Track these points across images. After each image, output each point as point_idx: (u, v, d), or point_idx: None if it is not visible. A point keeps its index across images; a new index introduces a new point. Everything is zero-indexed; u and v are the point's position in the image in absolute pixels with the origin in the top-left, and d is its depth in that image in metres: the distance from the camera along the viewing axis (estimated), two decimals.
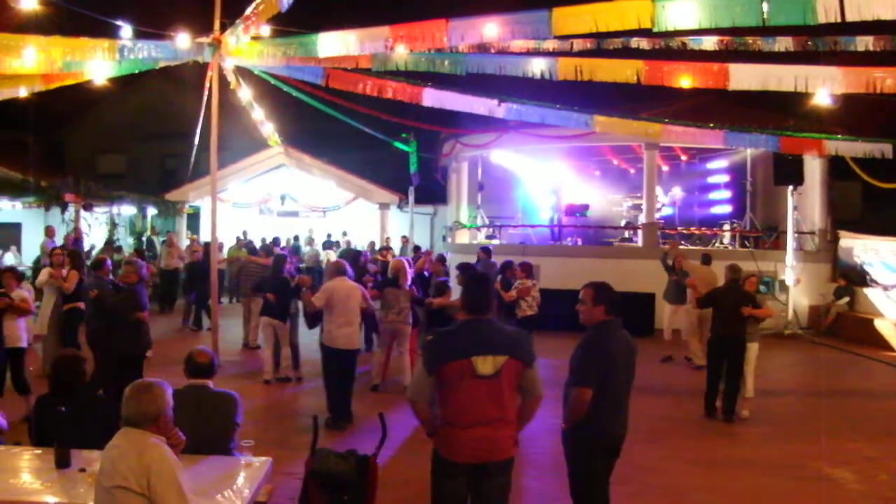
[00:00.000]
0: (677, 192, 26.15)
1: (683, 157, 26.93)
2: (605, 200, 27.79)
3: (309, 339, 14.23)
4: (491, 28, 8.33)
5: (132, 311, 10.60)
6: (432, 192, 30.50)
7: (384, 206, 29.63)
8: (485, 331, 5.32)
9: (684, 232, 24.18)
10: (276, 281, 13.59)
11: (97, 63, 11.13)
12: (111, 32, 10.81)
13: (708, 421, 11.47)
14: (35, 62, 10.41)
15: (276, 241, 24.67)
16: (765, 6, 6.75)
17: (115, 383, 8.45)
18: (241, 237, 26.12)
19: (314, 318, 11.08)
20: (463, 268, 13.60)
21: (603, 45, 9.89)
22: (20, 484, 5.60)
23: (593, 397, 5.80)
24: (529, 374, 5.32)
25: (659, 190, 24.31)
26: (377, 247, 26.23)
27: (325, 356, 10.86)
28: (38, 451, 6.18)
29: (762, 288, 17.47)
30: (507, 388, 5.25)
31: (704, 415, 11.72)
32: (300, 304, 13.01)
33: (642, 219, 23.39)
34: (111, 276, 12.54)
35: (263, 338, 13.89)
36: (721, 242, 23.59)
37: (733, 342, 11.56)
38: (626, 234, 24.95)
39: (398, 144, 25.87)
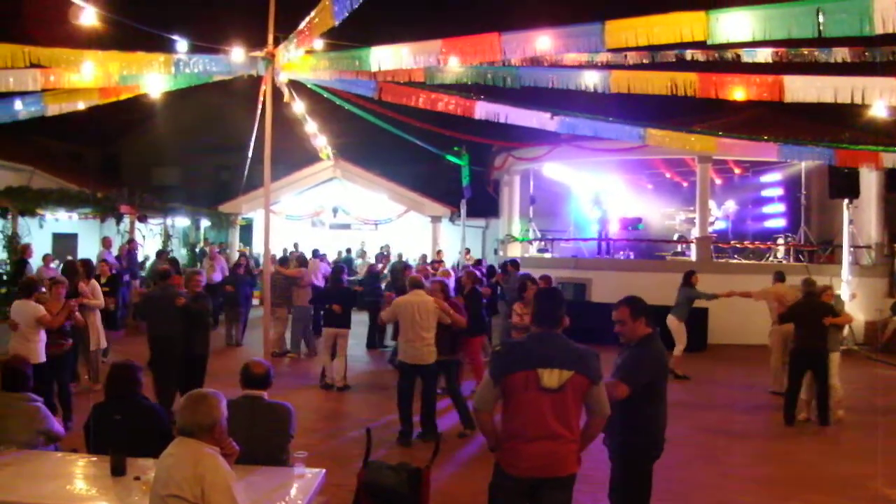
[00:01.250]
0: (731, 205, 25.93)
1: (737, 171, 26.66)
2: (657, 214, 27.64)
3: (358, 351, 14.34)
4: (544, 41, 8.30)
5: (208, 315, 11.79)
6: (484, 205, 30.47)
7: (436, 220, 29.63)
8: (553, 344, 5.32)
9: (738, 246, 23.94)
10: (338, 291, 13.76)
11: (153, 77, 11.27)
12: (167, 47, 10.92)
13: (767, 440, 11.31)
14: (93, 76, 10.56)
15: (315, 252, 24.80)
16: (821, 17, 6.66)
17: (188, 384, 9.01)
18: (293, 249, 26.26)
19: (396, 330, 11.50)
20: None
21: (656, 57, 9.82)
22: (76, 490, 5.69)
23: (648, 413, 5.77)
24: (595, 392, 5.29)
25: (712, 203, 24.09)
26: (428, 260, 26.27)
27: (399, 370, 11.10)
28: (94, 459, 6.27)
29: None
30: (572, 404, 5.23)
31: (784, 424, 11.83)
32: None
33: (695, 232, 23.20)
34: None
35: (323, 347, 14.04)
36: (775, 257, 23.31)
37: (816, 354, 11.78)
38: (679, 248, 24.75)
39: (450, 157, 25.88)
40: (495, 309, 17.90)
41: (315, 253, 24.65)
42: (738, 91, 9.44)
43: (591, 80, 10.02)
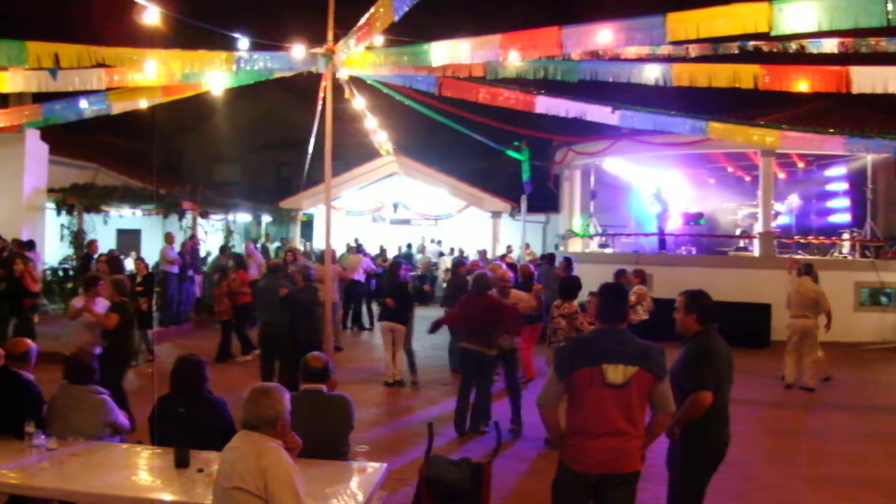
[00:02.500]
0: (794, 199, 25.51)
1: (800, 164, 26.19)
2: (719, 209, 27.35)
3: (420, 347, 14.36)
4: (604, 35, 8.24)
5: (315, 304, 12.19)
6: (545, 200, 30.31)
7: (496, 215, 29.57)
8: (617, 340, 5.30)
9: (801, 241, 23.60)
10: (394, 286, 13.84)
11: (214, 74, 11.38)
12: (228, 45, 11.03)
13: (830, 439, 11.15)
14: (156, 75, 10.70)
15: (359, 247, 24.88)
16: (889, 5, 6.51)
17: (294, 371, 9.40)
18: (353, 244, 26.40)
19: (435, 325, 11.53)
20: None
21: (718, 49, 9.71)
22: (141, 481, 5.77)
23: (709, 406, 5.72)
24: (661, 388, 5.26)
25: (775, 198, 23.74)
26: (488, 255, 26.28)
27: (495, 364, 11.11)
28: (159, 451, 6.35)
29: (883, 300, 16.97)
30: (637, 400, 5.20)
31: None
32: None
33: (758, 227, 22.87)
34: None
35: (383, 342, 14.11)
36: (840, 252, 22.88)
37: None
38: (742, 244, 24.46)
39: (510, 153, 25.83)
40: None
41: (358, 248, 24.75)
42: (803, 83, 9.30)
43: (652, 73, 9.94)
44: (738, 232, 25.38)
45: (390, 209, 32.28)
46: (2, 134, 15.18)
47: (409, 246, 30.41)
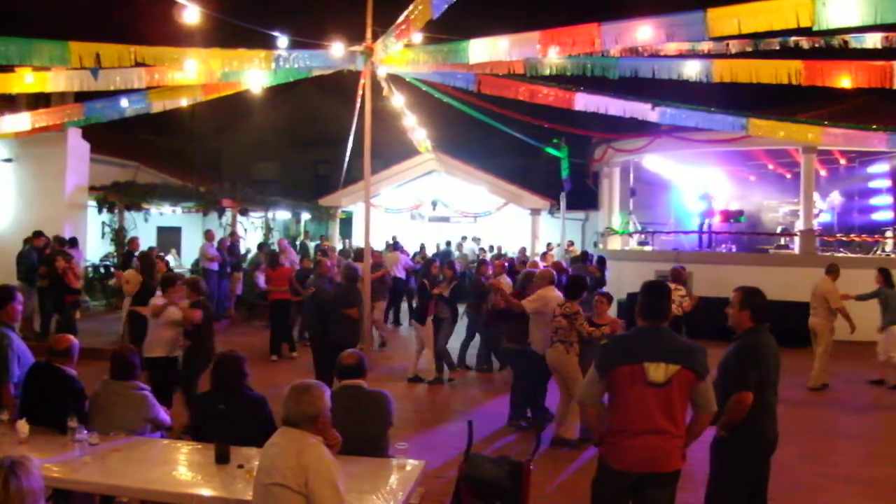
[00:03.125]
0: (836, 197, 25.22)
1: (842, 161, 25.88)
2: (760, 206, 27.13)
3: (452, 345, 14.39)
4: (644, 31, 8.19)
5: (346, 305, 11.69)
6: (584, 197, 30.16)
7: (535, 212, 29.47)
8: (659, 338, 5.28)
9: (843, 239, 23.34)
10: (418, 285, 13.94)
11: (253, 73, 11.44)
12: (267, 43, 11.09)
13: (870, 440, 11.03)
14: (195, 73, 10.77)
15: (396, 243, 24.88)
16: None
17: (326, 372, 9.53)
18: (391, 242, 26.43)
19: (496, 319, 11.81)
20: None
21: (759, 45, 9.63)
22: (181, 476, 5.81)
23: (754, 405, 5.67)
24: (702, 387, 5.23)
25: (816, 195, 23.44)
26: (527, 252, 26.25)
27: (530, 362, 10.95)
28: (199, 447, 6.39)
29: None
30: (678, 399, 5.18)
31: None
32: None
33: (799, 225, 22.66)
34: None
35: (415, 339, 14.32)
36: (883, 250, 22.59)
37: None
38: (783, 241, 24.25)
39: (550, 150, 25.77)
40: None
41: (395, 245, 24.76)
42: (845, 78, 9.19)
43: (692, 69, 9.88)
44: (778, 230, 25.16)
45: (429, 207, 32.30)
46: (45, 133, 15.28)
47: (448, 243, 30.41)
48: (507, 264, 16.83)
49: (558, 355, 10.01)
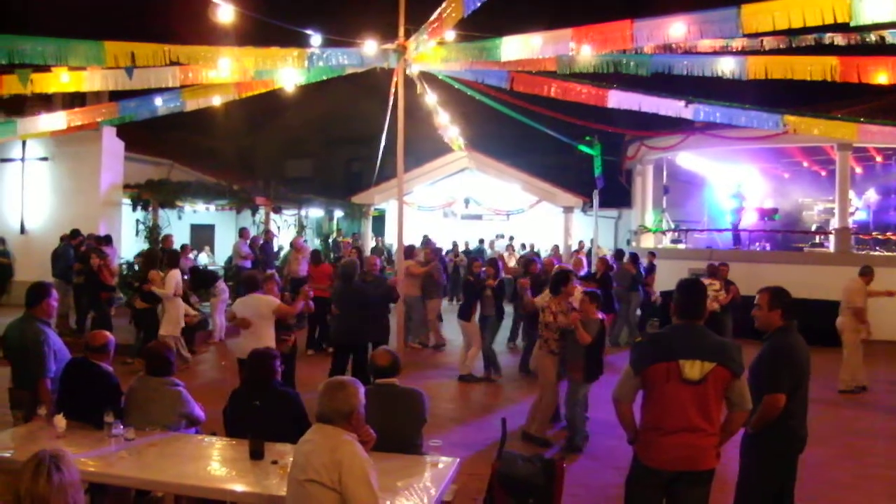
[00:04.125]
0: (872, 194, 25.00)
1: (878, 158, 25.58)
2: (794, 204, 26.93)
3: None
4: (677, 28, 8.17)
5: (386, 299, 11.92)
6: (617, 195, 29.97)
7: (568, 210, 29.29)
8: (695, 336, 5.26)
9: (879, 237, 23.12)
10: (463, 284, 13.90)
11: (287, 71, 11.49)
12: (300, 41, 11.13)
13: None
14: (229, 72, 10.84)
15: (426, 240, 24.85)
16: None
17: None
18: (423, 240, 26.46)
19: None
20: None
21: (794, 42, 9.56)
22: (215, 472, 5.84)
23: (786, 404, 5.64)
24: (737, 385, 5.20)
25: (852, 193, 23.22)
26: (560, 251, 26.20)
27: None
28: (233, 443, 6.43)
29: None
30: (713, 397, 5.16)
31: None
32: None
33: (834, 223, 22.46)
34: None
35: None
36: None
37: None
38: (817, 240, 24.05)
39: (582, 147, 25.68)
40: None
41: (427, 243, 24.76)
42: (882, 74, 9.12)
43: (726, 66, 9.83)
44: (813, 228, 24.96)
45: (461, 204, 32.24)
46: (80, 132, 15.43)
47: (481, 241, 30.35)
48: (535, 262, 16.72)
49: (537, 354, 10.20)
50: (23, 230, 22.35)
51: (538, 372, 10.36)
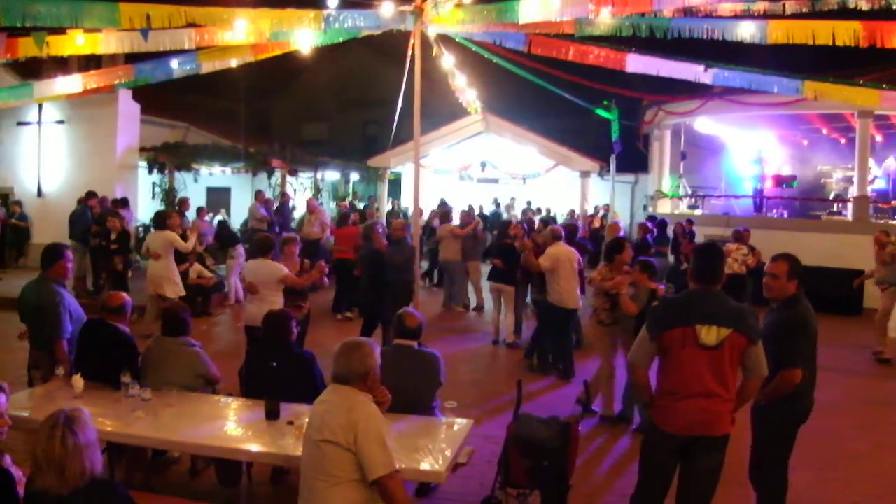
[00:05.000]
0: (892, 162, 24.77)
1: None
2: (813, 171, 26.75)
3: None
4: None
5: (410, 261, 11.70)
6: (634, 160, 29.74)
7: (585, 175, 29.13)
8: (712, 301, 5.24)
9: None
10: (502, 246, 13.81)
11: (303, 33, 11.43)
12: (316, 2, 11.06)
13: None
14: (245, 34, 10.79)
15: (442, 203, 24.78)
16: None
17: None
18: (440, 204, 26.41)
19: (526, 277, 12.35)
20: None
21: (816, 5, 9.44)
22: (232, 432, 5.88)
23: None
24: (753, 352, 5.18)
25: (872, 161, 23.06)
26: (576, 215, 26.19)
27: (549, 313, 11.76)
28: (249, 403, 6.47)
29: None
30: (729, 363, 5.14)
31: None
32: None
33: (853, 191, 22.32)
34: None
35: (492, 301, 14.30)
36: None
37: None
38: (835, 208, 23.91)
39: (600, 112, 25.54)
40: None
41: (442, 205, 24.67)
42: None
43: (746, 31, 9.72)
44: (831, 195, 24.80)
45: (478, 168, 32.12)
46: (96, 95, 15.41)
47: (497, 204, 30.24)
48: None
49: (588, 324, 10.22)
50: (40, 193, 22.43)
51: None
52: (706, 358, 5.10)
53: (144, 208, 22.54)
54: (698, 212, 25.25)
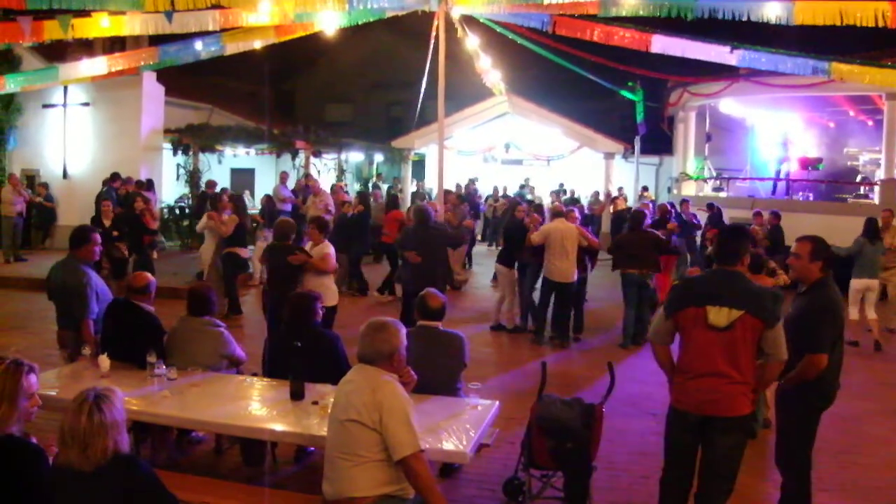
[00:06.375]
0: None
1: None
2: (839, 154, 26.52)
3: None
4: None
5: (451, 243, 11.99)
6: (658, 142, 29.61)
7: (609, 156, 29.04)
8: (727, 282, 5.21)
9: None
10: (510, 225, 13.85)
11: (327, 14, 11.42)
12: None
13: None
14: (269, 15, 10.80)
15: (458, 187, 24.71)
16: None
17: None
18: (467, 184, 26.43)
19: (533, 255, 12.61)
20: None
21: None
22: (257, 412, 5.91)
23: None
24: (770, 335, 5.12)
25: None
26: (600, 196, 26.17)
27: (542, 286, 12.79)
28: (274, 383, 6.50)
29: None
30: (742, 345, 5.10)
31: None
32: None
33: (880, 174, 22.11)
34: None
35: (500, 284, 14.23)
36: None
37: None
38: (862, 191, 23.70)
39: (624, 93, 25.43)
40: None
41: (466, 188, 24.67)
42: None
43: (772, 11, 9.64)
44: (858, 178, 24.61)
45: (502, 149, 32.06)
46: (120, 77, 15.51)
47: (522, 186, 30.17)
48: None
49: None
50: (65, 175, 22.60)
51: None
52: (716, 339, 5.09)
53: (169, 190, 22.66)
54: (723, 194, 25.10)
